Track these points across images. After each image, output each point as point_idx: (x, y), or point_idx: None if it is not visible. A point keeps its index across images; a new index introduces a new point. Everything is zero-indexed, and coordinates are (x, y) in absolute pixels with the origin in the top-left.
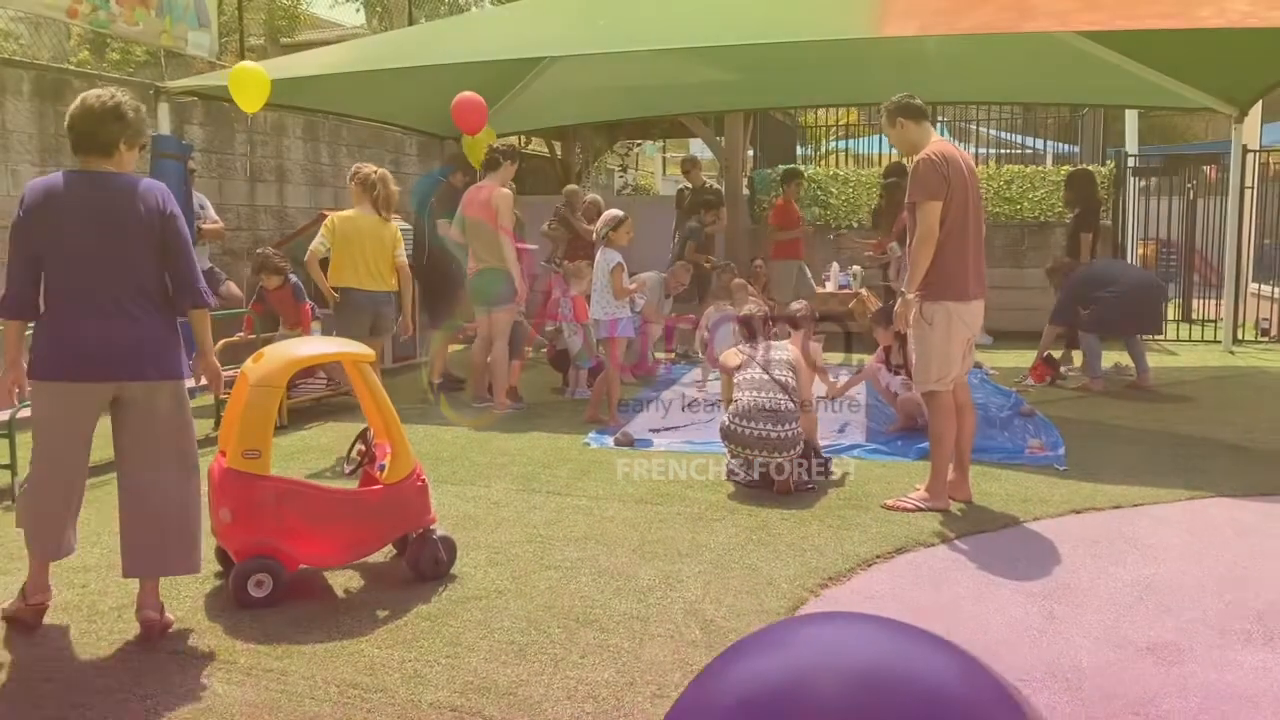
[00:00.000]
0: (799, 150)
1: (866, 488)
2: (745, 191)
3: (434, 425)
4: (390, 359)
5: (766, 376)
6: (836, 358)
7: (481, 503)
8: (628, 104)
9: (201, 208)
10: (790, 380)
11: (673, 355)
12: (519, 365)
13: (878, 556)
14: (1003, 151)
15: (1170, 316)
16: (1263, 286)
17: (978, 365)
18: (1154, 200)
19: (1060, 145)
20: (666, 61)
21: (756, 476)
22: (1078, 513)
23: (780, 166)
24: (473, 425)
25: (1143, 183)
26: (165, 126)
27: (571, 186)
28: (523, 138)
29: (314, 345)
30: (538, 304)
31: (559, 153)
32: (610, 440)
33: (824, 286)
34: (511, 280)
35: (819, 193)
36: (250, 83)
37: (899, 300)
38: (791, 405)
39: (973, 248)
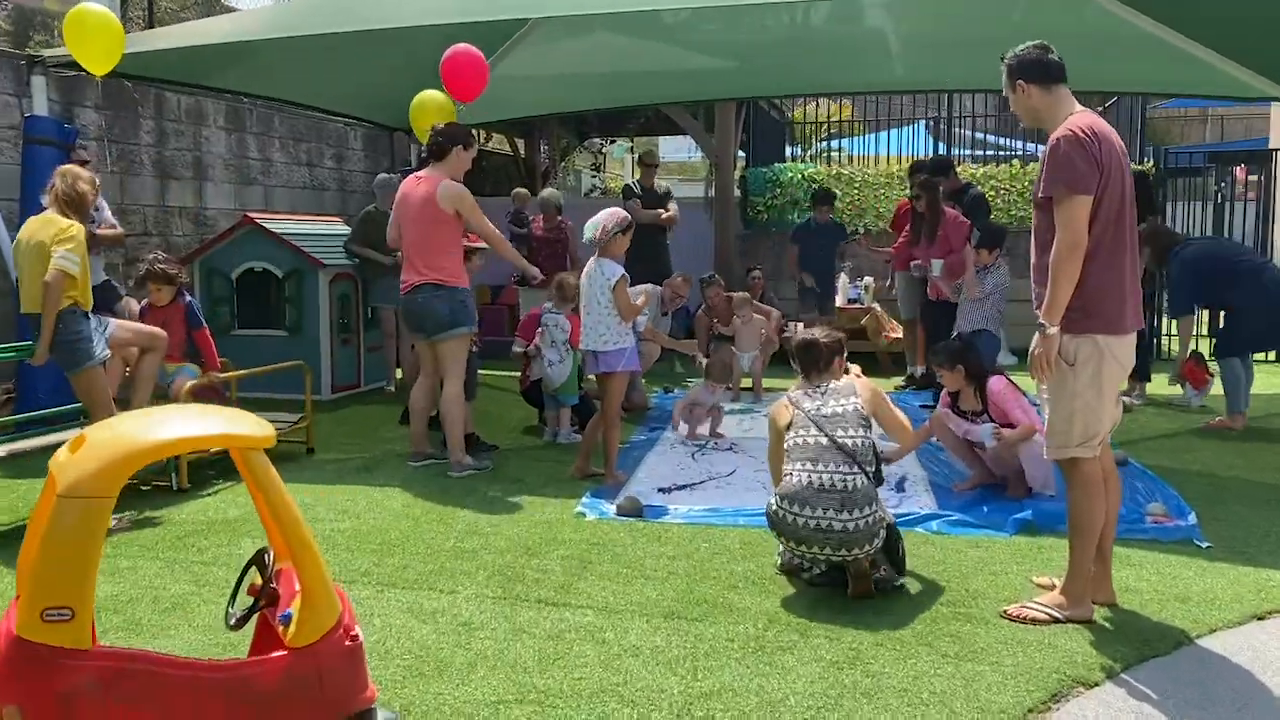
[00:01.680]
0: (788, 149)
1: (969, 582)
2: (737, 193)
3: (379, 487)
4: (329, 388)
5: (825, 440)
6: None
7: (445, 623)
8: (604, 92)
9: (96, 209)
10: (860, 441)
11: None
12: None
13: (1030, 711)
14: (1000, 154)
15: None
16: None
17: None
18: (1179, 204)
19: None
20: (647, 45)
21: (824, 569)
22: (1260, 618)
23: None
24: (425, 496)
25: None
26: (41, 106)
27: (520, 190)
28: (482, 133)
29: (174, 423)
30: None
31: (522, 151)
32: (611, 508)
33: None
34: (463, 301)
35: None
36: (93, 31)
37: (1037, 337)
38: (864, 482)
39: (1130, 260)
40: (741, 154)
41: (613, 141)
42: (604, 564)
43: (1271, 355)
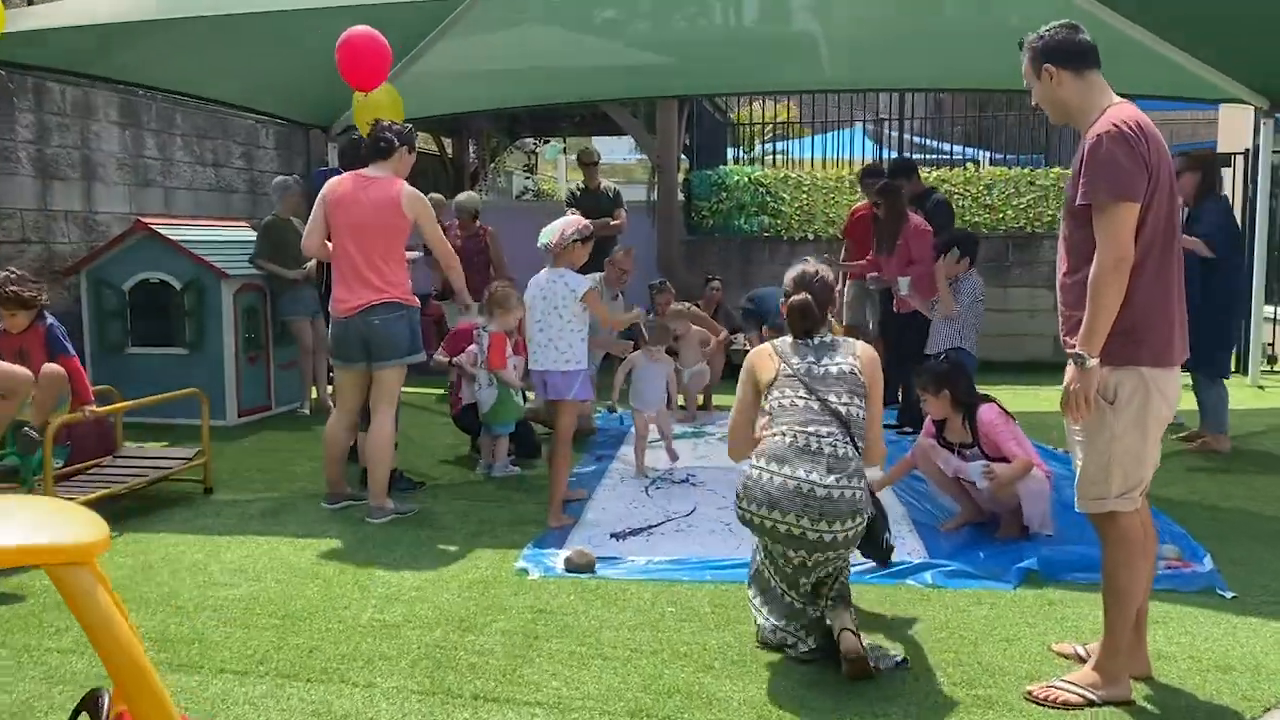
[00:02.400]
0: (730, 151)
1: (980, 652)
2: (681, 197)
3: (286, 537)
4: (234, 412)
5: (816, 404)
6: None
7: None
8: (537, 88)
9: None
10: (856, 412)
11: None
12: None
13: None
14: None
15: None
16: (1279, 310)
17: None
18: None
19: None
20: (581, 39)
21: (813, 646)
22: None
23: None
24: (338, 547)
25: None
26: None
27: (435, 195)
28: None
29: None
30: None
31: (450, 151)
32: (558, 562)
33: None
34: (411, 323)
35: (767, 199)
36: None
37: (1071, 371)
38: (855, 453)
39: (1178, 279)
40: (684, 157)
41: (546, 142)
42: (553, 639)
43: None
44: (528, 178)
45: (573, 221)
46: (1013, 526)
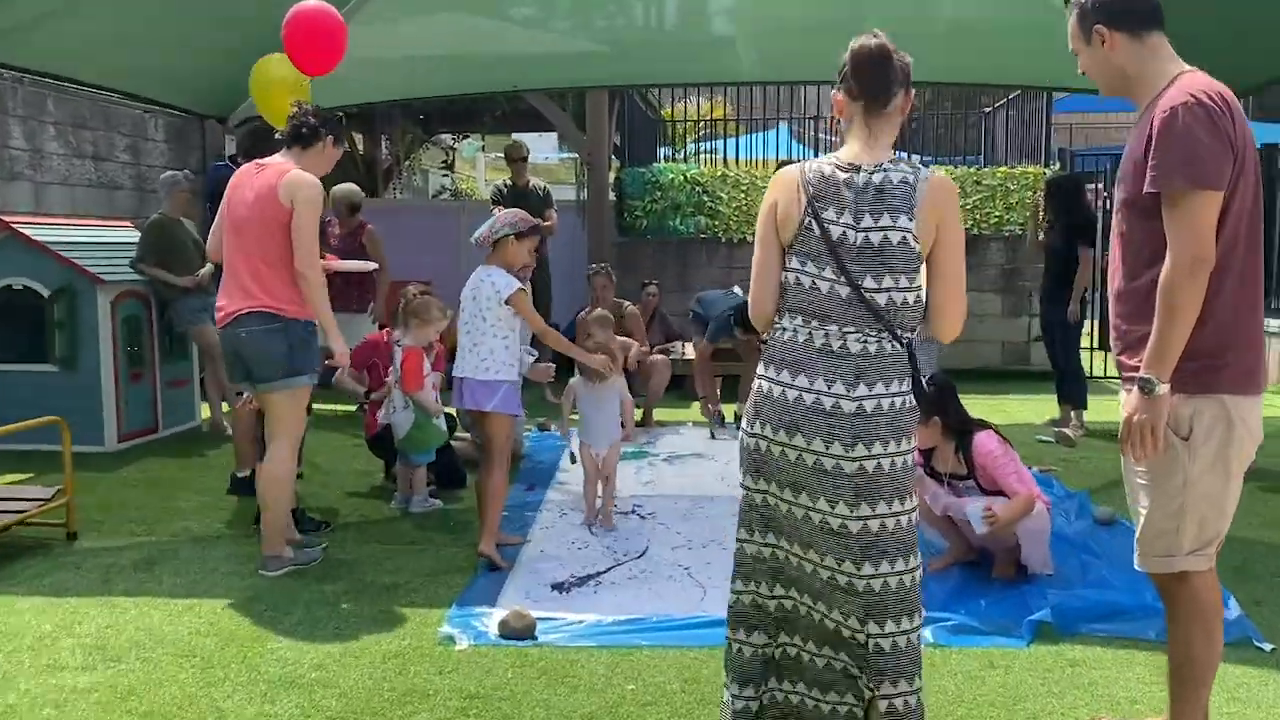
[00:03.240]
0: (661, 150)
1: None
2: (612, 196)
3: (160, 598)
4: (114, 437)
5: (846, 290)
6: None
7: None
8: (456, 77)
9: None
10: (902, 298)
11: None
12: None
13: None
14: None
15: None
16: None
17: None
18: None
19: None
20: (498, 25)
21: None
22: None
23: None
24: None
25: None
26: None
27: (348, 186)
28: None
29: None
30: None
31: (362, 147)
32: (490, 626)
33: None
34: (306, 339)
35: (704, 199)
36: None
37: (1134, 399)
38: (897, 349)
39: (1258, 286)
40: (614, 158)
41: (464, 138)
42: None
43: None
44: (445, 175)
45: (508, 214)
46: (1008, 566)
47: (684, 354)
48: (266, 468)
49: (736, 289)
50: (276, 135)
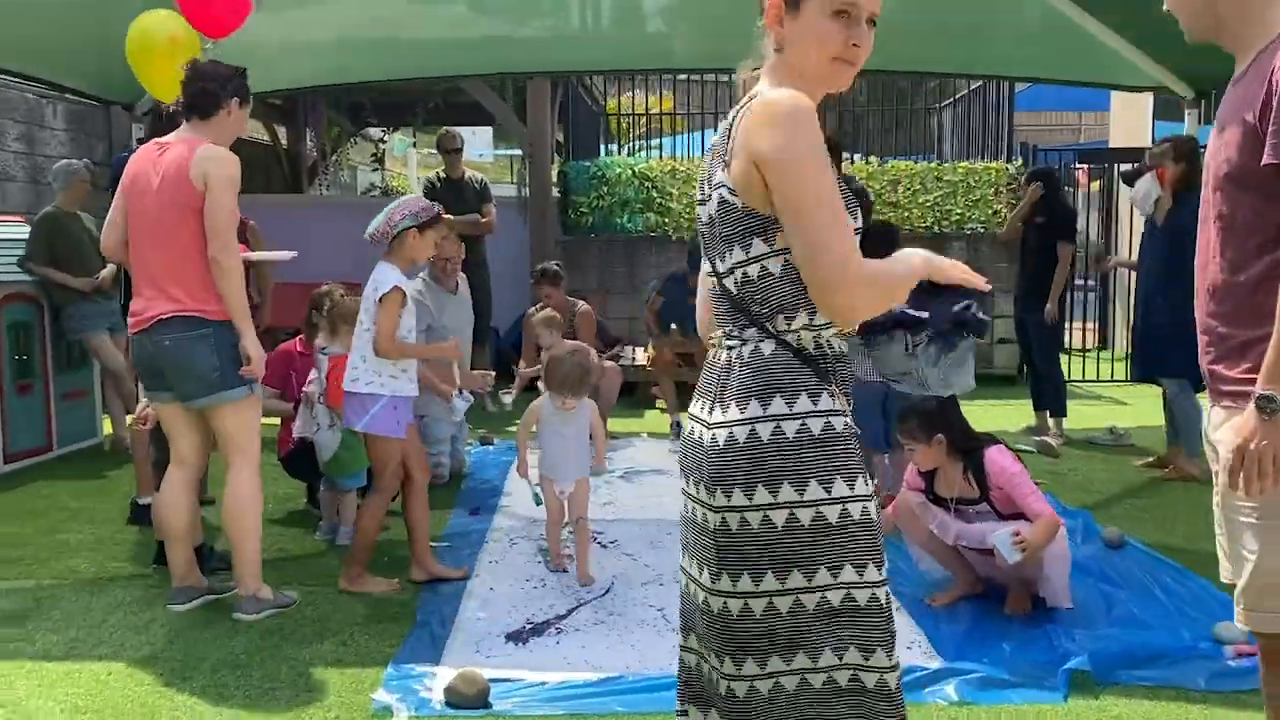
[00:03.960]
0: (603, 147)
1: None
2: (556, 193)
3: (30, 661)
4: None
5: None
6: None
7: None
8: (385, 62)
9: None
10: (743, 276)
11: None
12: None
13: None
14: None
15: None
16: None
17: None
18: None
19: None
20: (440, 7)
21: None
22: None
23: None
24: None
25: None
26: None
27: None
28: None
29: None
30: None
31: (285, 140)
32: (434, 690)
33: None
34: (220, 346)
35: (653, 194)
36: None
37: (1249, 419)
38: (767, 348)
39: None
40: (555, 155)
41: (394, 130)
42: None
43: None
44: (375, 170)
45: (406, 203)
46: (1022, 599)
47: (634, 359)
48: (228, 500)
49: None
50: (172, 108)
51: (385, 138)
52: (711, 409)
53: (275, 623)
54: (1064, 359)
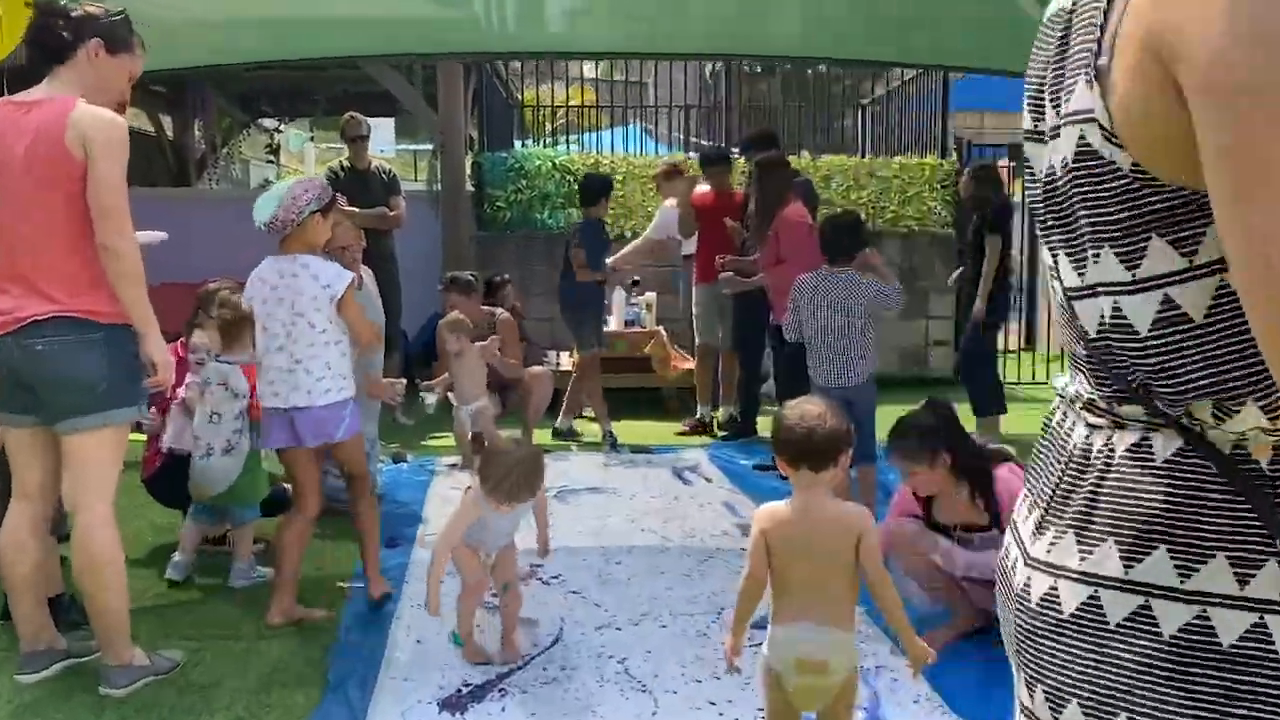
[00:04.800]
0: (518, 142)
1: None
2: (470, 186)
3: None
4: None
5: None
6: (634, 432)
7: None
8: (290, 43)
9: None
10: None
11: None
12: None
13: None
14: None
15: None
16: None
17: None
18: None
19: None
20: None
21: None
22: None
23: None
24: None
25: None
26: None
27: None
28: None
29: None
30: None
31: (170, 131)
32: None
33: (605, 323)
34: (112, 354)
35: (576, 188)
36: None
37: None
38: None
39: None
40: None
41: (290, 120)
42: None
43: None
44: (270, 163)
45: (303, 183)
46: None
47: (558, 365)
48: (83, 551)
49: None
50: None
51: (281, 128)
52: (1044, 530)
53: (153, 693)
54: (1006, 360)
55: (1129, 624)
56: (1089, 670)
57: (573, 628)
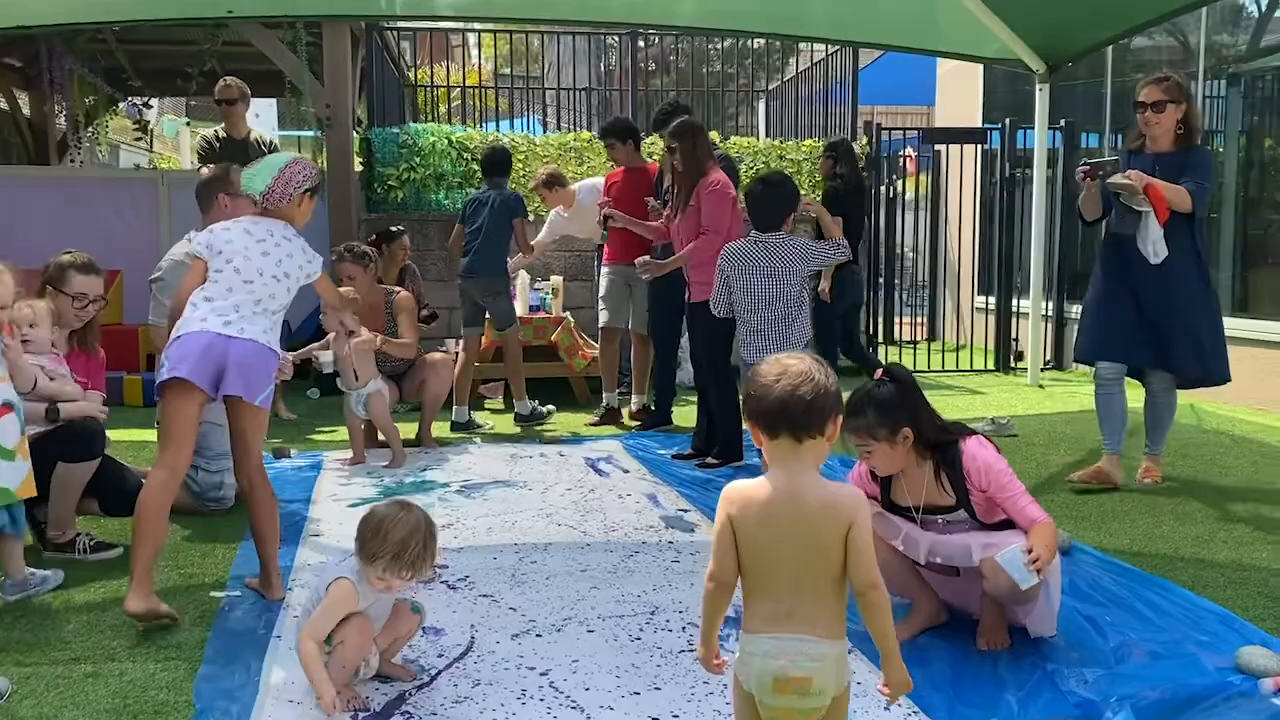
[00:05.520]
0: (410, 124)
1: None
2: (359, 166)
3: None
4: None
5: None
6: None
7: None
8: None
9: None
10: None
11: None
12: None
13: None
14: None
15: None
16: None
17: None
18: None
19: None
20: None
21: None
22: None
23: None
24: None
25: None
26: None
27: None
28: None
29: None
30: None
31: (27, 109)
32: None
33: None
34: None
35: (474, 167)
36: None
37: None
38: None
39: None
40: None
41: (161, 97)
42: None
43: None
44: (138, 141)
45: (298, 163)
46: (999, 631)
47: (455, 351)
48: None
49: None
50: None
51: (150, 103)
52: None
53: None
54: (903, 352)
55: None
56: None
57: (486, 636)
